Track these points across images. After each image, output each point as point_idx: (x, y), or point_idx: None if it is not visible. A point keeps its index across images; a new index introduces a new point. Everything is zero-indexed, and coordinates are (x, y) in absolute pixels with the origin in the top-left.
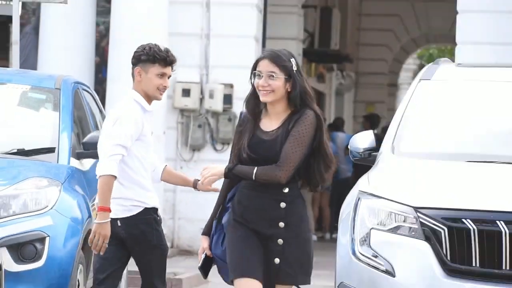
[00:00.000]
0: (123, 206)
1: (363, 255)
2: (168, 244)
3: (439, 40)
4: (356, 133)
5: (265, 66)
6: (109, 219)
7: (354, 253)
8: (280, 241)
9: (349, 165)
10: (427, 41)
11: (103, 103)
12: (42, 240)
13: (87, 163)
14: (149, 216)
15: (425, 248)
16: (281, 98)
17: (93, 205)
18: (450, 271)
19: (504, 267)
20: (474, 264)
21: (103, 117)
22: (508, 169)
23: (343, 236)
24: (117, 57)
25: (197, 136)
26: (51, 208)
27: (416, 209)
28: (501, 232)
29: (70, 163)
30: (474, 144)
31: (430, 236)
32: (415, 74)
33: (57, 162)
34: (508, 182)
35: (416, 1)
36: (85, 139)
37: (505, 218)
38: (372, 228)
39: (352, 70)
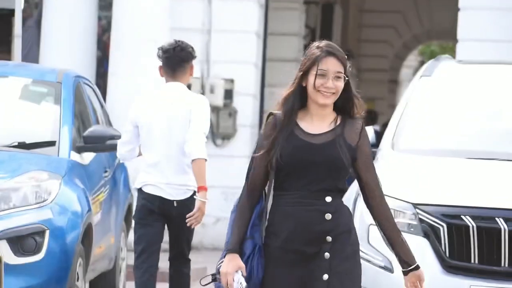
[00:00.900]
0: (179, 190)
1: (361, 251)
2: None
3: (441, 36)
4: None
5: (334, 65)
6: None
7: None
8: (326, 254)
9: None
10: (429, 38)
11: (104, 97)
12: (42, 233)
13: (87, 157)
14: (195, 199)
15: (424, 244)
16: None
17: (93, 198)
18: (449, 267)
19: (503, 264)
20: (473, 261)
21: (104, 111)
22: (508, 166)
23: None
24: (118, 51)
25: None
26: (51, 202)
27: (415, 205)
28: (500, 229)
29: (71, 156)
30: (474, 141)
31: (429, 232)
32: (416, 70)
33: (58, 156)
34: (507, 179)
35: None
36: (86, 133)
37: (504, 215)
38: (370, 224)
39: (353, 66)
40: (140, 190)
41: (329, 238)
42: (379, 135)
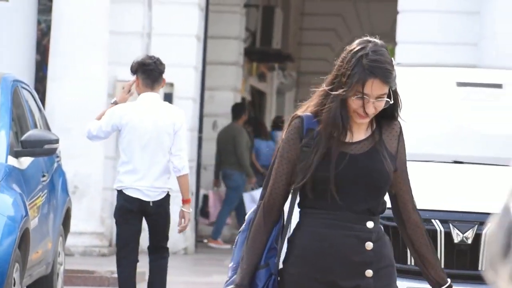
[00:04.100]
0: (156, 192)
1: None
2: (106, 243)
3: (381, 39)
4: None
5: (377, 89)
6: None
7: None
8: None
9: None
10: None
11: (43, 101)
12: None
13: (25, 161)
14: (169, 198)
15: None
16: None
17: (31, 203)
18: None
19: None
20: (409, 263)
21: (42, 115)
22: (445, 168)
23: None
24: (58, 55)
25: None
26: None
27: None
28: (437, 230)
29: (8, 161)
30: (411, 143)
31: None
32: None
33: None
34: (444, 181)
35: (358, 1)
36: (23, 137)
37: (441, 217)
38: None
39: (293, 70)
40: (120, 192)
41: (369, 273)
42: None
